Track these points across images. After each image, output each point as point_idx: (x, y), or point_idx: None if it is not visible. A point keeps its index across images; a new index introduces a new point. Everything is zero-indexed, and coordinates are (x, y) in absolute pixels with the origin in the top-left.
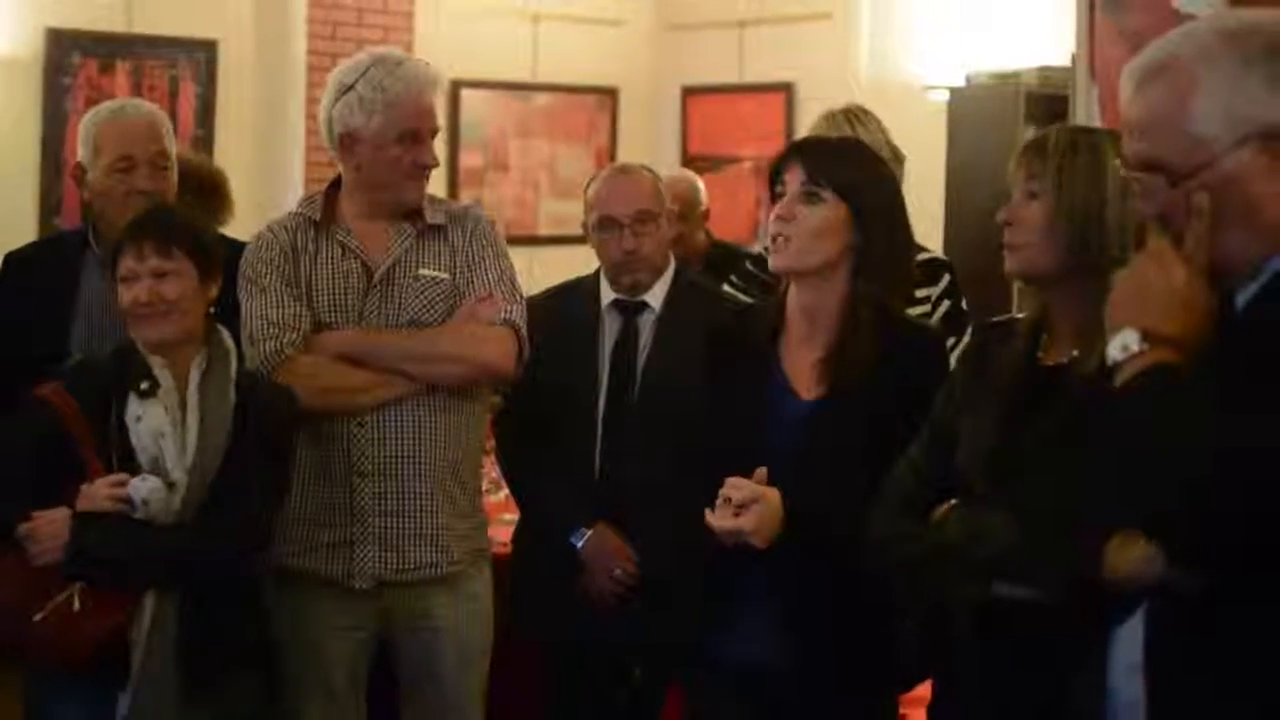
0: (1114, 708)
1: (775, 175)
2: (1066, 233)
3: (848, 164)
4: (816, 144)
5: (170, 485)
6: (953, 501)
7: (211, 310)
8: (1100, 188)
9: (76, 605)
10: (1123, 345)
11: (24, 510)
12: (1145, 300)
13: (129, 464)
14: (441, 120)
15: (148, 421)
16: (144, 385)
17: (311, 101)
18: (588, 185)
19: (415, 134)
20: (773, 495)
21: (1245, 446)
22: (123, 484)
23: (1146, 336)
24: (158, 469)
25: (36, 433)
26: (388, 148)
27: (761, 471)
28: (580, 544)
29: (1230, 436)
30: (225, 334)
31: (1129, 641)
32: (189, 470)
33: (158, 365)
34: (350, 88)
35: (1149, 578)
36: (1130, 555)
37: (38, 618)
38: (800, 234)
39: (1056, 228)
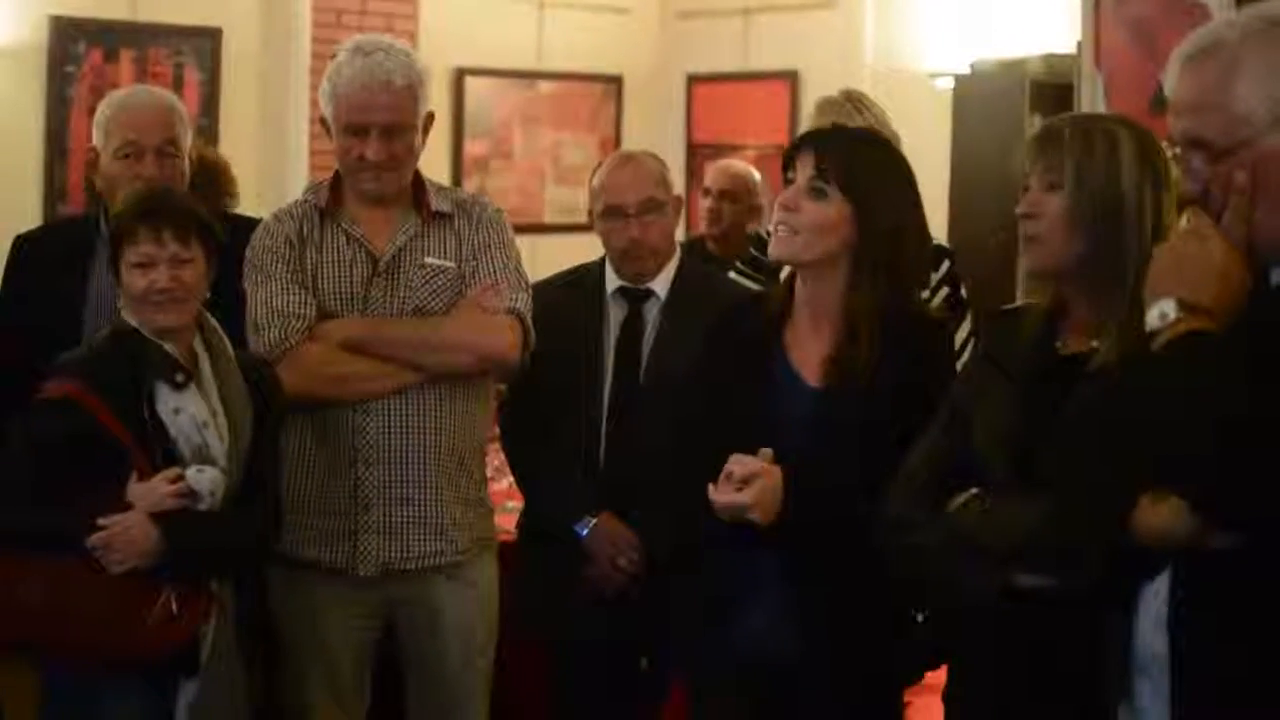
0: (1141, 663)
1: (788, 161)
2: (1087, 226)
3: (859, 161)
4: (831, 137)
5: (224, 473)
6: (973, 490)
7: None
8: (1117, 179)
9: (174, 605)
10: (1160, 314)
11: (88, 521)
12: (1183, 272)
13: (171, 456)
14: (446, 108)
15: (188, 412)
16: (179, 377)
17: (315, 89)
18: (593, 173)
19: (358, 128)
20: (775, 472)
21: (1271, 412)
22: (180, 478)
23: (1183, 306)
24: (202, 458)
25: (70, 435)
26: (340, 138)
27: (767, 451)
28: (585, 533)
29: (1257, 401)
30: (210, 317)
31: (1153, 600)
32: (228, 456)
33: (173, 352)
34: (328, 75)
35: (1179, 536)
36: (1160, 514)
37: (151, 622)
38: (801, 227)
39: (1077, 221)
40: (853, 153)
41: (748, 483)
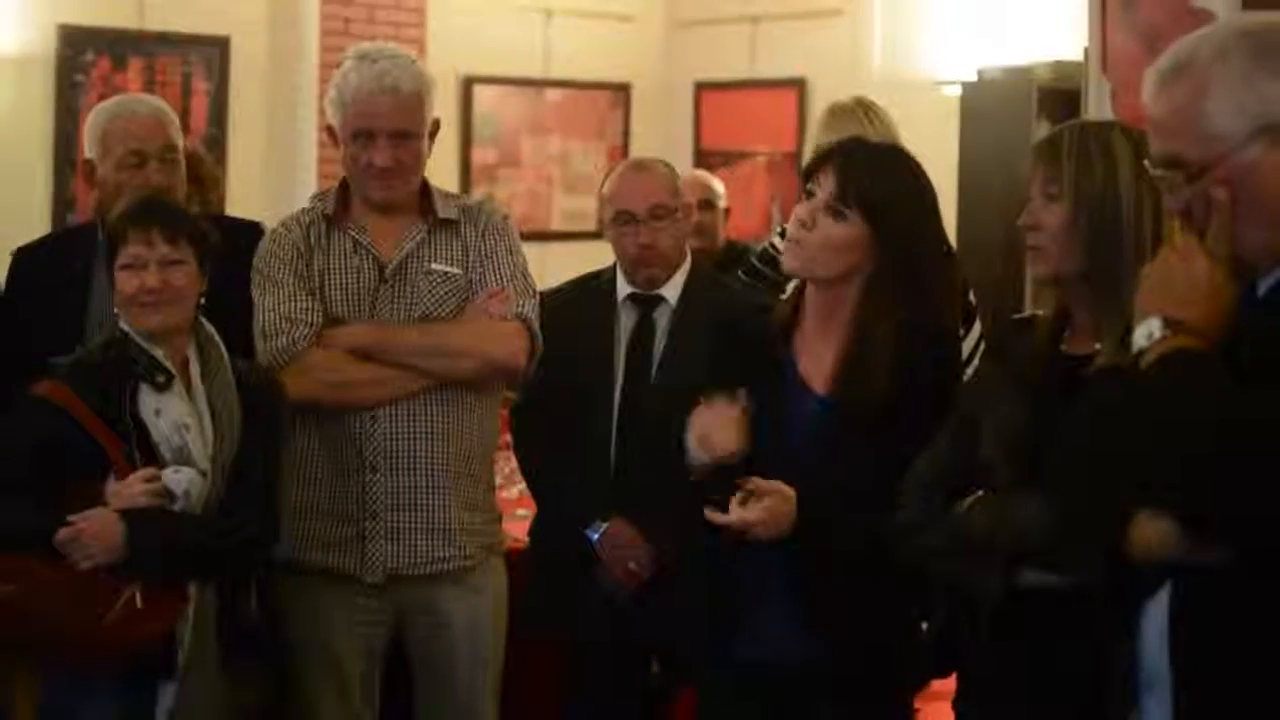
0: (1147, 679)
1: (810, 172)
2: (1086, 237)
3: (882, 182)
4: (855, 155)
5: (203, 475)
6: (979, 493)
7: (201, 301)
8: (1115, 189)
9: (139, 604)
10: (1147, 333)
11: (61, 517)
12: (1169, 290)
13: (151, 458)
14: (453, 116)
15: (169, 414)
16: (160, 379)
17: (323, 98)
18: (604, 180)
19: (366, 134)
20: (789, 492)
21: (1261, 425)
22: (155, 478)
23: (1169, 323)
24: (183, 461)
25: (48, 434)
26: (348, 145)
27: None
28: (596, 537)
29: (1249, 415)
30: (207, 324)
31: (1158, 615)
32: (211, 460)
33: (161, 356)
34: (335, 83)
35: (1171, 554)
36: (1152, 532)
37: (107, 620)
38: (815, 244)
39: (1077, 230)
40: (878, 173)
41: (758, 498)
